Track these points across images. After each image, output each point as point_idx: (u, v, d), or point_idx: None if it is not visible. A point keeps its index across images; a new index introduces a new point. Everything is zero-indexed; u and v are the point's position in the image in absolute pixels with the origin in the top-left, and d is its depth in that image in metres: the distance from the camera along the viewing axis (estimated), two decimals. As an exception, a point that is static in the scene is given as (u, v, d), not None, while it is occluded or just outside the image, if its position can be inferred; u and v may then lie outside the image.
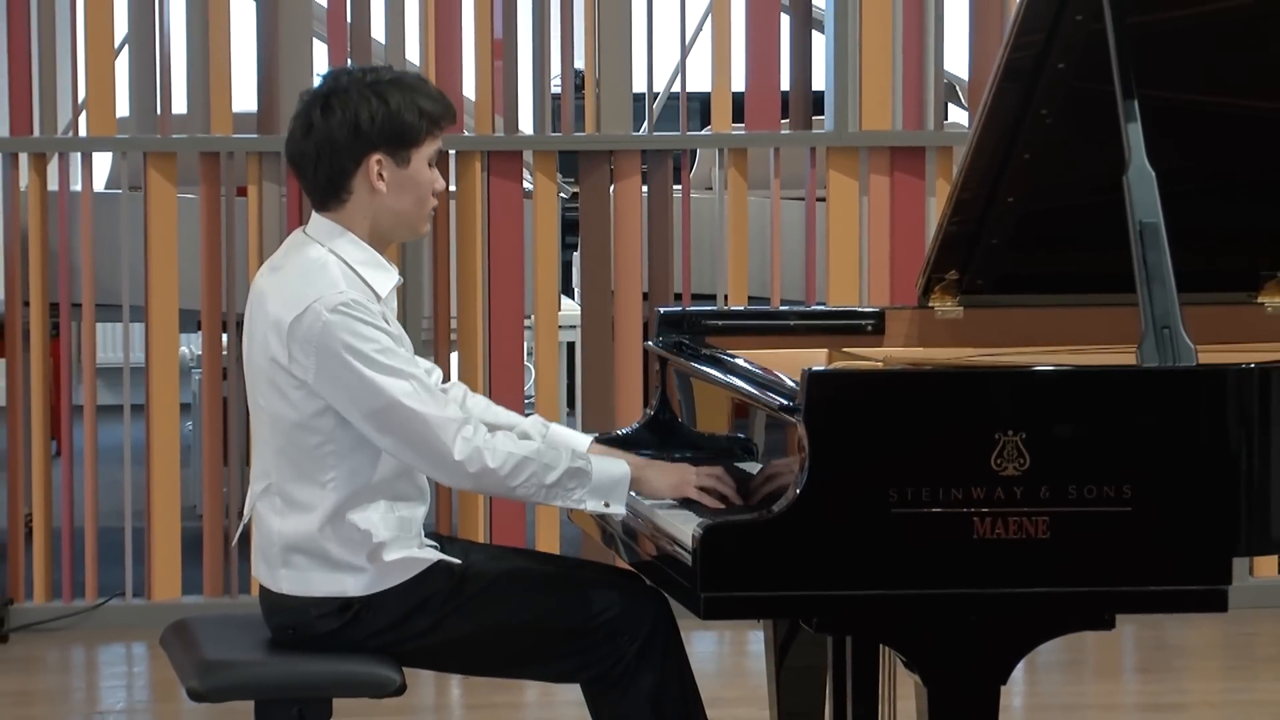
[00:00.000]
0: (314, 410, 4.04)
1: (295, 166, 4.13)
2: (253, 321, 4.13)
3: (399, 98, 4.06)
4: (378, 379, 3.98)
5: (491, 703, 6.05)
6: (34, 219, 6.80)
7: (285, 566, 4.10)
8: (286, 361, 4.03)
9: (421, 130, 4.08)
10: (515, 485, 4.01)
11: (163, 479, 6.84)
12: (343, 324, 3.98)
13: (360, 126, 4.04)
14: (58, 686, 6.46)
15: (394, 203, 4.10)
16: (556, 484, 4.03)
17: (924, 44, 6.98)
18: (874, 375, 4.01)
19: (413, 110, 4.07)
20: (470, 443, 3.99)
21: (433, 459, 4.01)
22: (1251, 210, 4.50)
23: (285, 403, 4.06)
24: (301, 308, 4.01)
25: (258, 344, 4.10)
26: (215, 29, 6.80)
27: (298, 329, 4.01)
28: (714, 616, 3.71)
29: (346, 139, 4.05)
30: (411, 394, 3.99)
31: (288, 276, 4.09)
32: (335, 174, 4.08)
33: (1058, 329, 4.53)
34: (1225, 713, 6.08)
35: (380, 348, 4.00)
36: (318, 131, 4.06)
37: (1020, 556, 3.68)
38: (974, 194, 4.38)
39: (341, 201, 4.10)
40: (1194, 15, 4.25)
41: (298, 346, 4.01)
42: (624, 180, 6.98)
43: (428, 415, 3.98)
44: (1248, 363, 3.79)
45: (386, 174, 4.07)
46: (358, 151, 4.06)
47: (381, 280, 4.11)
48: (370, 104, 4.05)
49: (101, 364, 7.36)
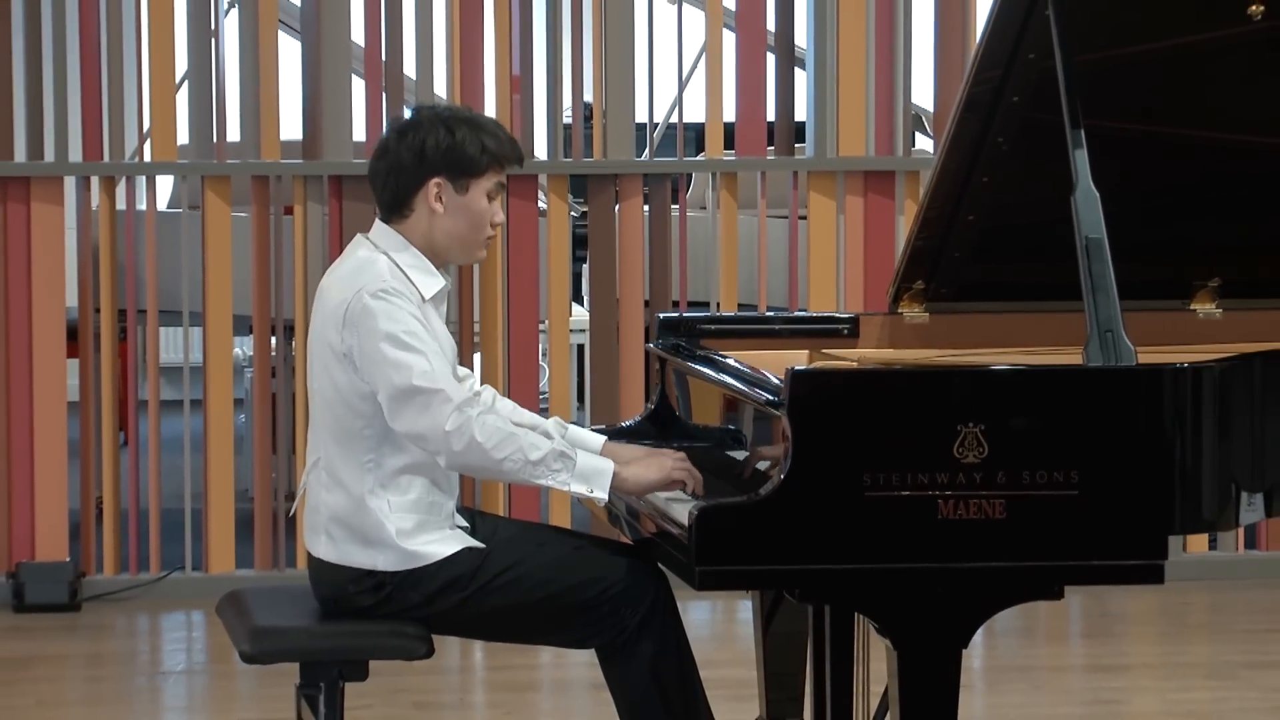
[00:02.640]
0: (358, 393, 4.03)
1: (370, 181, 4.16)
2: (315, 315, 4.15)
3: (465, 132, 4.08)
4: (402, 356, 3.98)
5: (510, 664, 6.04)
6: (104, 235, 6.80)
7: (326, 535, 4.10)
8: (337, 343, 4.04)
9: (483, 164, 4.08)
10: (501, 459, 3.97)
11: (218, 465, 6.84)
12: (380, 308, 3.99)
13: (425, 152, 4.06)
14: (125, 650, 6.45)
15: (450, 225, 4.10)
16: (541, 462, 3.99)
17: (894, 80, 6.98)
18: (850, 373, 4.00)
19: (476, 145, 4.07)
20: (463, 415, 3.96)
21: (429, 432, 3.97)
22: (1184, 227, 4.49)
23: (333, 385, 4.07)
24: (351, 294, 4.03)
25: (317, 332, 4.11)
26: (265, 66, 6.80)
27: (346, 313, 4.02)
28: (707, 588, 3.71)
29: (412, 162, 4.07)
30: (427, 373, 3.97)
31: (344, 273, 4.11)
32: (400, 191, 4.09)
33: (1013, 332, 4.52)
34: (1161, 673, 6.07)
35: (408, 330, 3.99)
36: (391, 154, 4.10)
37: (980, 535, 3.67)
38: (938, 213, 4.37)
39: (404, 216, 4.11)
40: (1132, 54, 4.25)
41: (347, 329, 4.02)
42: (627, 201, 6.98)
43: (434, 389, 3.96)
44: (1181, 363, 3.78)
45: (444, 198, 4.08)
46: (420, 174, 4.07)
47: (426, 283, 4.10)
48: (438, 134, 4.07)
49: (164, 363, 7.36)
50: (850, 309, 6.79)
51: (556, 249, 6.95)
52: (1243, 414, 3.83)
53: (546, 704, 5.87)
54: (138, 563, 6.88)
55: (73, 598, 6.69)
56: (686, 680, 4.12)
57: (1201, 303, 4.59)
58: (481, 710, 5.85)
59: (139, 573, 6.88)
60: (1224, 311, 4.57)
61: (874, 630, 3.78)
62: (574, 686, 5.85)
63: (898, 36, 6.96)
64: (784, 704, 4.57)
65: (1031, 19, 4.07)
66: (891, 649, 3.73)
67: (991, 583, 3.71)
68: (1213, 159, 4.42)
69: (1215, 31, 4.23)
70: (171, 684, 6.02)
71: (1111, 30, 4.18)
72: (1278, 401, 3.89)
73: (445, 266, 4.18)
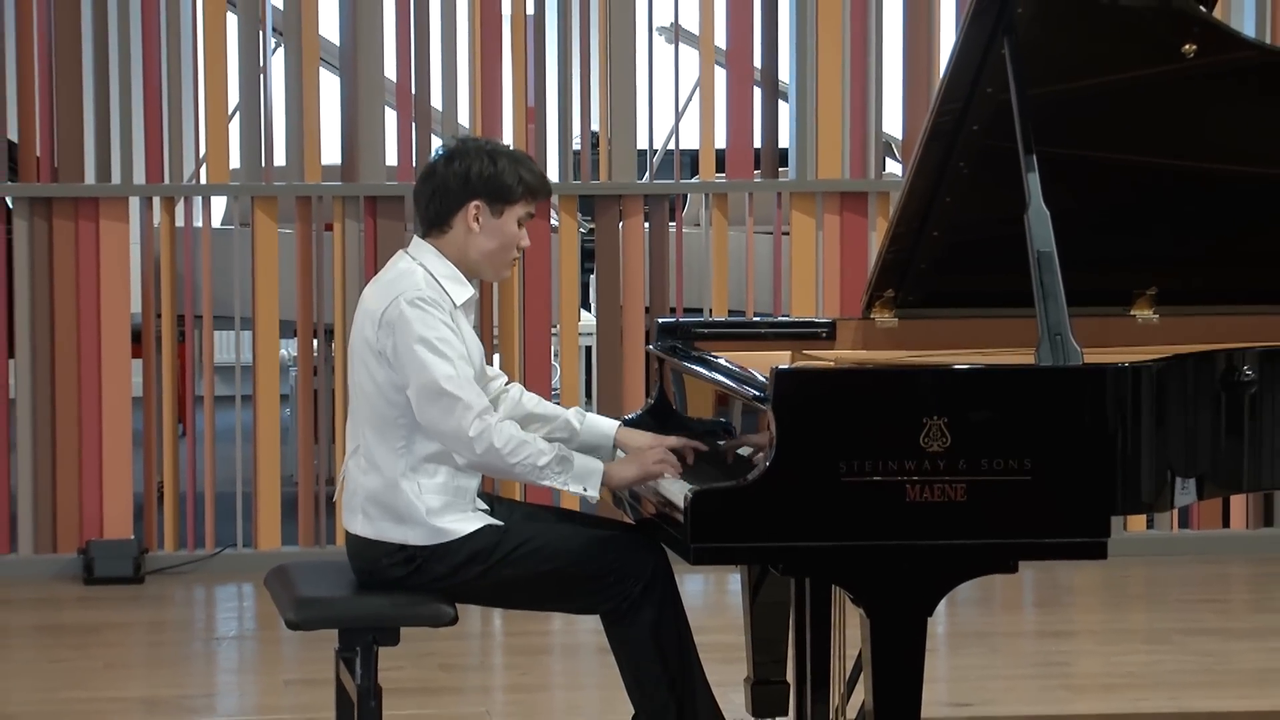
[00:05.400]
0: (392, 386, 4.04)
1: (415, 198, 4.17)
2: (357, 317, 4.16)
3: (506, 164, 4.10)
4: (430, 359, 3.98)
5: (525, 630, 6.04)
6: (165, 249, 6.80)
7: (363, 514, 4.10)
8: (375, 342, 4.05)
9: (517, 193, 4.10)
10: (514, 463, 4.00)
11: (266, 453, 6.83)
12: (415, 314, 4.00)
13: (470, 178, 4.08)
14: (183, 618, 6.45)
15: (484, 243, 4.11)
16: (546, 466, 4.02)
17: (867, 111, 6.98)
18: (828, 372, 4.00)
19: (514, 176, 4.10)
20: (484, 422, 3.98)
21: (452, 433, 3.99)
22: (1124, 242, 4.49)
23: (371, 379, 4.07)
24: (389, 300, 4.04)
25: (358, 332, 4.12)
26: (308, 98, 6.80)
27: (384, 316, 4.03)
28: (701, 563, 3.71)
29: (457, 185, 4.08)
30: (452, 378, 3.99)
31: (385, 281, 4.12)
32: (443, 210, 4.10)
33: (973, 335, 4.51)
34: (1104, 638, 6.07)
35: (440, 337, 4.00)
36: (438, 176, 4.11)
37: (943, 516, 3.67)
38: (907, 229, 4.36)
39: (443, 232, 4.11)
40: (1079, 88, 4.24)
41: (384, 330, 4.03)
42: (630, 218, 6.97)
43: (458, 396, 3.98)
44: (1122, 362, 3.78)
45: (481, 219, 4.09)
46: (463, 196, 4.08)
47: (458, 291, 4.11)
48: (482, 162, 4.09)
49: (218, 363, 7.37)
50: (828, 315, 6.77)
51: (567, 261, 6.95)
52: (1177, 408, 3.83)
53: (558, 665, 5.86)
54: (195, 540, 6.87)
55: (137, 571, 6.69)
56: (683, 643, 4.12)
57: (1140, 309, 4.59)
58: (500, 671, 5.85)
59: (196, 549, 6.87)
60: (1160, 317, 4.57)
61: (849, 600, 3.78)
62: (582, 650, 5.84)
63: (870, 73, 6.96)
64: (769, 665, 4.57)
65: (989, 58, 4.07)
66: (864, 617, 3.72)
67: (953, 558, 3.71)
68: (1151, 181, 4.41)
69: (1154, 68, 4.23)
70: (224, 648, 6.02)
71: (1060, 67, 4.18)
72: (1207, 397, 3.90)
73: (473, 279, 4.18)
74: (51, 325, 6.74)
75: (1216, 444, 3.90)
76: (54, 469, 6.76)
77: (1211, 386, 3.89)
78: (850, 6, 6.93)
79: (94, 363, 6.75)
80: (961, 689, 5.39)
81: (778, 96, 7.14)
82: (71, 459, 6.76)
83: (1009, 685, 5.44)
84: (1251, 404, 3.92)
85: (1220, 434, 3.90)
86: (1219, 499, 7.03)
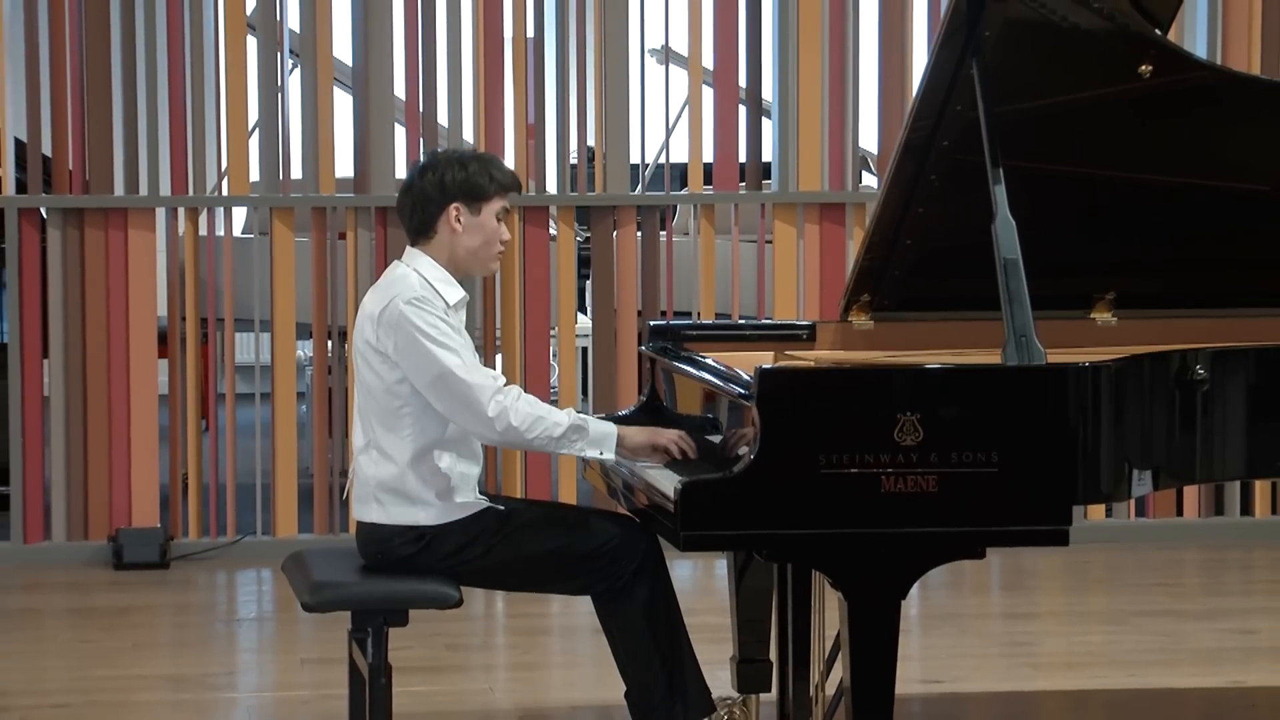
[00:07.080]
0: (395, 379, 4.05)
1: (399, 212, 4.19)
2: (358, 320, 4.17)
3: (476, 166, 4.13)
4: (435, 351, 4.00)
5: (526, 612, 6.03)
6: (189, 256, 6.79)
7: (376, 502, 4.11)
8: (376, 342, 4.07)
9: (491, 190, 4.13)
10: (532, 438, 4.02)
11: (284, 448, 6.83)
12: (414, 312, 4.02)
13: (445, 184, 4.10)
14: (206, 601, 6.44)
15: (468, 241, 4.12)
16: (563, 436, 4.03)
17: (845, 128, 6.98)
18: (808, 371, 3.99)
19: (484, 176, 4.12)
20: (500, 404, 4.00)
21: (472, 416, 4.01)
22: (1085, 250, 4.49)
23: (375, 375, 4.08)
24: (387, 302, 4.06)
25: (359, 335, 4.14)
26: (323, 115, 6.79)
27: (384, 317, 4.05)
28: (690, 549, 3.71)
29: (435, 193, 4.11)
30: (460, 365, 4.01)
31: (382, 286, 4.15)
32: (426, 217, 4.12)
33: (944, 336, 4.51)
34: (1066, 619, 6.07)
35: (439, 330, 4.02)
36: (415, 189, 4.14)
37: (915, 505, 3.67)
38: (882, 238, 4.36)
39: (429, 238, 4.13)
40: (1043, 106, 4.25)
41: (384, 330, 4.04)
42: (624, 228, 6.97)
43: (470, 381, 4.00)
44: (1083, 362, 3.78)
45: (462, 219, 4.11)
46: (442, 202, 4.10)
47: (450, 292, 4.12)
48: (454, 169, 4.12)
49: (239, 363, 7.37)
50: (808, 318, 6.78)
51: (564, 267, 6.95)
52: (1134, 405, 3.83)
53: (556, 645, 5.86)
54: (217, 528, 6.87)
55: (163, 557, 6.68)
56: (673, 623, 4.13)
57: (1100, 312, 4.59)
58: (502, 651, 5.84)
59: (218, 537, 6.87)
60: (1118, 320, 4.57)
61: (828, 584, 3.78)
62: (579, 631, 5.84)
63: (847, 91, 6.96)
64: (753, 645, 4.57)
65: (959, 78, 4.07)
66: (843, 600, 3.72)
67: (925, 545, 3.71)
68: (1110, 192, 4.41)
69: (1112, 87, 4.23)
70: (244, 629, 6.01)
71: (1025, 87, 4.18)
72: (1162, 394, 3.89)
73: (466, 280, 4.19)
74: (83, 327, 6.74)
75: (1171, 438, 3.89)
76: (85, 462, 6.76)
77: (1166, 385, 3.89)
78: (829, 29, 6.93)
79: (123, 363, 6.74)
80: (933, 667, 5.39)
81: (761, 114, 7.14)
82: (102, 453, 6.76)
83: (977, 664, 5.44)
84: (1204, 401, 3.92)
85: (1174, 429, 3.90)
86: (1173, 489, 7.04)
